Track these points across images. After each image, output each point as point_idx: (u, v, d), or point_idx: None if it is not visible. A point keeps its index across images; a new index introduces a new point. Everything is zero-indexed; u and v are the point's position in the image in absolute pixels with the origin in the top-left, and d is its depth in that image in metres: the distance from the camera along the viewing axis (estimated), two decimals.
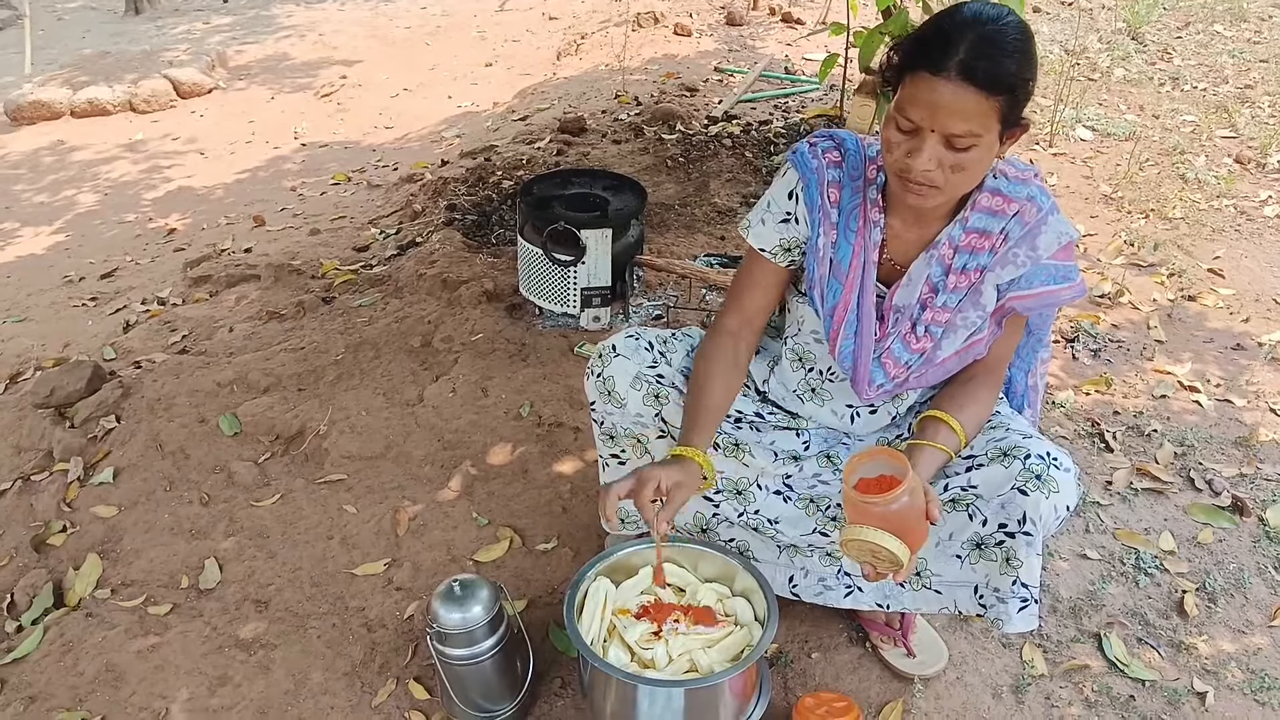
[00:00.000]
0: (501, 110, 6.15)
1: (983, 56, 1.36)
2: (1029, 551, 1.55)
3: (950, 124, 1.40)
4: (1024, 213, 1.55)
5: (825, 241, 1.64)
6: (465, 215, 3.97)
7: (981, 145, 1.42)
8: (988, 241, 1.57)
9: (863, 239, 1.62)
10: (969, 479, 1.58)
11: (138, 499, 2.43)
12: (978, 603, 1.64)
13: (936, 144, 1.42)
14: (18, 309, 4.11)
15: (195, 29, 9.20)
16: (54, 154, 6.59)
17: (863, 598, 1.75)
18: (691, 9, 7.02)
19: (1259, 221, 3.85)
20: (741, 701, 1.58)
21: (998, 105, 1.39)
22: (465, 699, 1.74)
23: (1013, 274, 1.56)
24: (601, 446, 1.88)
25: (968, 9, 1.42)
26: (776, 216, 1.69)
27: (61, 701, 1.90)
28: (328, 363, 2.87)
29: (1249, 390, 2.77)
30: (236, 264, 3.92)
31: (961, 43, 1.37)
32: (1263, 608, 2.05)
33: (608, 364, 1.76)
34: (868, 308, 1.64)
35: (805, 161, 1.65)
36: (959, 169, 1.44)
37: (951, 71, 1.36)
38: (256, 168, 6.05)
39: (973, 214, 1.57)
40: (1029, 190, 1.55)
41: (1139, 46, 6.01)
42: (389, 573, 2.16)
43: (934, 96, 1.38)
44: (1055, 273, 1.57)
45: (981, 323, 1.61)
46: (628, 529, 1.95)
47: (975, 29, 1.38)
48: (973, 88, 1.36)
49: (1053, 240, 1.55)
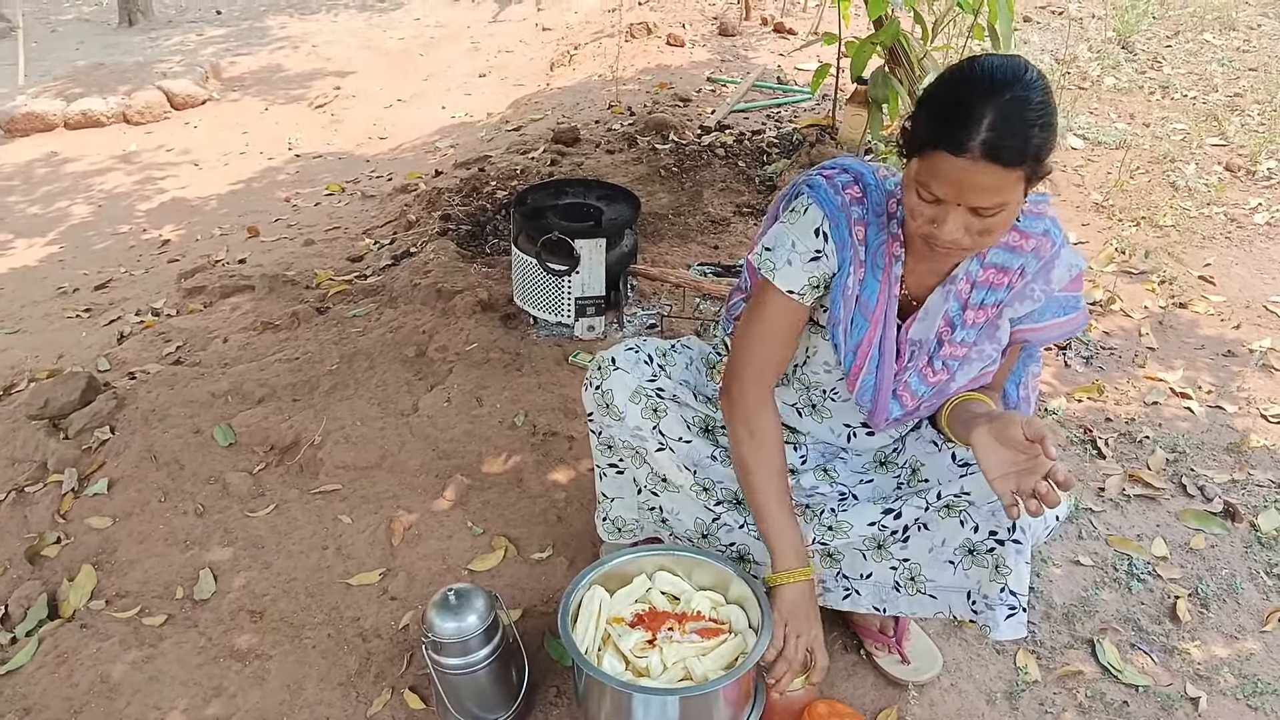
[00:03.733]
0: (495, 121, 6.16)
1: (1007, 134, 1.31)
2: (1018, 559, 1.56)
3: (978, 200, 1.36)
4: (1040, 248, 1.54)
5: (854, 280, 1.59)
6: (459, 225, 3.98)
7: (1009, 209, 1.39)
8: (1006, 277, 1.55)
9: (888, 275, 1.58)
10: (962, 485, 1.59)
11: (132, 510, 2.43)
12: (971, 608, 1.66)
13: (962, 214, 1.38)
14: (11, 320, 4.10)
15: (189, 40, 9.21)
16: (47, 165, 6.58)
17: (860, 600, 1.76)
18: (684, 20, 7.05)
19: (1249, 229, 3.88)
20: (736, 709, 1.58)
21: (1022, 174, 1.35)
22: (460, 708, 1.74)
23: (1029, 308, 1.57)
24: (599, 456, 1.88)
25: (985, 71, 1.35)
26: (805, 255, 1.58)
27: (56, 713, 1.89)
28: (322, 373, 2.87)
29: (1240, 396, 2.78)
30: (231, 275, 3.91)
31: (984, 119, 1.31)
32: (1255, 613, 2.06)
33: (606, 377, 1.76)
34: (889, 343, 1.61)
35: (829, 199, 1.58)
36: (987, 233, 1.41)
37: (975, 153, 1.31)
38: (250, 178, 6.05)
39: (992, 250, 1.54)
40: (1044, 225, 1.55)
41: (1129, 55, 6.05)
42: (384, 582, 2.16)
43: (958, 176, 1.34)
44: (1064, 304, 1.58)
45: (996, 355, 1.61)
46: (624, 538, 1.96)
47: (996, 101, 1.31)
48: (995, 166, 1.32)
49: (1065, 273, 1.55)
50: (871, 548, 1.72)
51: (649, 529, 1.94)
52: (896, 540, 1.69)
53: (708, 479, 1.77)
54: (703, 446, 1.76)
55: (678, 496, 1.82)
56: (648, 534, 1.96)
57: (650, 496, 1.86)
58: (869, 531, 1.68)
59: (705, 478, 1.77)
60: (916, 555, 1.69)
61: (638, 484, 1.87)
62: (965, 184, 1.34)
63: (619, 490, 1.91)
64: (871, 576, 1.74)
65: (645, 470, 1.82)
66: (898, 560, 1.71)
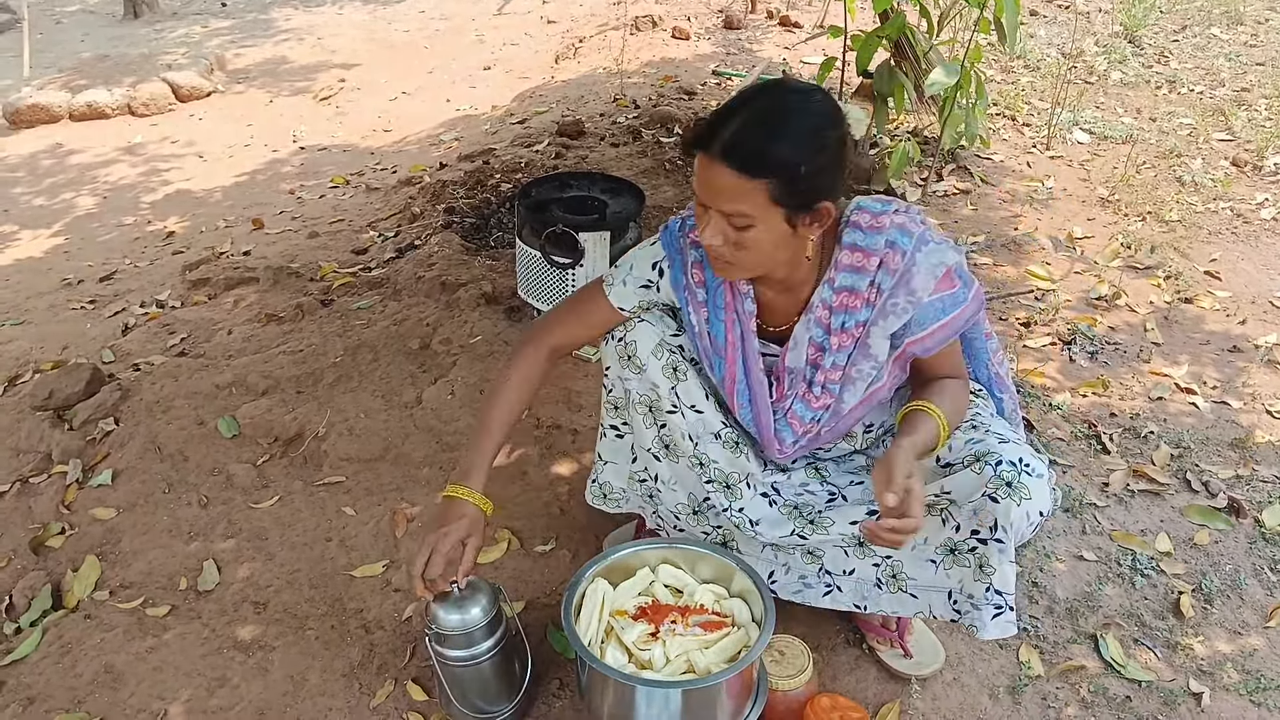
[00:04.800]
0: (500, 113, 6.15)
1: (745, 138, 1.37)
2: (1001, 559, 1.56)
3: (719, 202, 1.43)
4: (888, 261, 1.53)
5: (698, 319, 1.68)
6: (464, 218, 3.98)
7: (760, 227, 1.43)
8: (859, 298, 1.56)
9: (733, 312, 1.65)
10: (942, 485, 1.59)
11: (136, 501, 2.43)
12: (952, 608, 1.66)
13: (719, 220, 1.44)
14: (16, 312, 4.11)
15: (194, 32, 9.20)
16: (52, 157, 6.59)
17: (841, 597, 1.76)
18: (689, 12, 7.03)
19: (1255, 224, 3.86)
20: (738, 702, 1.58)
21: (764, 187, 1.38)
22: (464, 700, 1.74)
23: (899, 322, 1.55)
24: (605, 415, 1.87)
25: (761, 89, 1.45)
26: (638, 281, 1.73)
27: (60, 703, 1.90)
28: (326, 365, 2.87)
29: (1245, 392, 2.77)
30: (235, 267, 3.92)
31: (732, 122, 1.39)
32: (1259, 609, 2.06)
33: (630, 329, 1.74)
34: (757, 375, 1.67)
35: (672, 240, 1.69)
36: (741, 247, 1.46)
37: (714, 151, 1.39)
38: (255, 171, 6.05)
39: (837, 274, 1.57)
40: (886, 237, 1.53)
41: (1136, 49, 6.02)
42: (387, 574, 2.17)
43: (703, 174, 1.42)
44: (944, 305, 1.55)
45: (876, 373, 1.62)
46: (607, 505, 1.96)
47: (750, 109, 1.40)
48: (729, 169, 1.38)
49: (928, 278, 1.52)
50: (853, 545, 1.72)
51: (634, 502, 1.94)
52: None
53: (705, 454, 1.77)
54: (712, 420, 1.75)
55: (677, 467, 1.81)
56: (632, 507, 1.95)
57: (652, 462, 1.83)
58: (849, 530, 1.68)
59: (703, 452, 1.76)
60: (898, 553, 1.68)
61: (634, 452, 1.87)
62: (706, 183, 1.42)
63: (614, 454, 1.91)
64: (854, 573, 1.74)
65: (652, 433, 1.79)
66: (880, 558, 1.71)
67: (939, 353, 1.61)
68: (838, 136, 1.44)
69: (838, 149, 1.44)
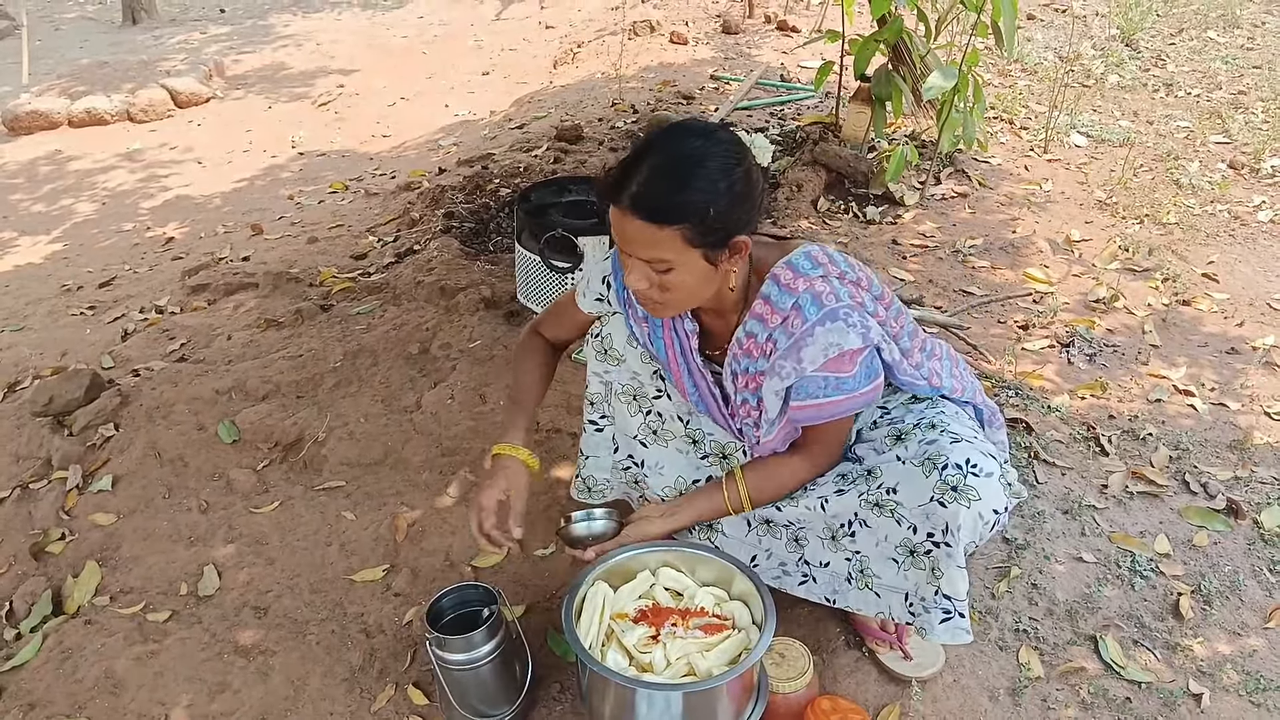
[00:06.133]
0: (499, 119, 6.16)
1: (654, 190, 1.41)
2: (949, 563, 1.57)
3: (638, 251, 1.47)
4: (789, 323, 1.55)
5: (641, 333, 1.75)
6: (463, 223, 3.98)
7: (680, 269, 1.47)
8: (758, 348, 1.60)
9: (670, 331, 1.71)
10: (896, 483, 1.60)
11: (136, 506, 2.43)
12: (908, 610, 1.67)
13: (641, 266, 1.49)
14: (16, 318, 4.11)
15: (193, 39, 9.22)
16: (51, 163, 6.60)
17: (815, 588, 1.79)
18: (687, 18, 7.05)
19: (1253, 226, 3.87)
20: (739, 705, 1.58)
21: (678, 233, 1.42)
22: (465, 704, 1.75)
23: (781, 384, 1.58)
24: (585, 412, 1.95)
25: (663, 136, 1.47)
26: (594, 294, 1.82)
27: (61, 709, 1.90)
28: (326, 370, 2.87)
29: (1243, 394, 2.78)
30: (234, 272, 3.92)
31: (638, 173, 1.42)
32: (1258, 610, 2.06)
33: (605, 324, 1.82)
34: (705, 389, 1.74)
35: (616, 260, 1.74)
36: (665, 289, 1.51)
37: (624, 203, 1.43)
38: (254, 176, 6.06)
39: (748, 320, 1.61)
40: (796, 300, 1.54)
41: (1133, 53, 6.04)
42: (387, 579, 2.17)
43: (617, 225, 1.47)
44: (827, 385, 1.55)
45: (768, 426, 1.65)
46: (593, 497, 1.99)
47: (654, 160, 1.43)
48: (640, 220, 1.42)
49: (818, 353, 1.52)
50: (828, 537, 1.74)
51: (619, 490, 2.00)
52: (846, 533, 1.71)
53: (699, 430, 1.83)
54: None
55: (666, 451, 1.86)
56: (617, 495, 2.01)
57: (637, 449, 1.88)
58: (815, 504, 1.70)
59: (696, 428, 1.83)
60: (865, 548, 1.70)
61: (616, 442, 1.92)
62: (622, 233, 1.47)
63: (595, 449, 1.96)
64: (829, 566, 1.76)
65: (637, 420, 1.85)
66: (850, 552, 1.72)
67: (810, 427, 1.64)
68: (744, 172, 1.47)
69: (745, 185, 1.48)
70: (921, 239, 3.62)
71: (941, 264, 3.45)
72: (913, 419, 1.69)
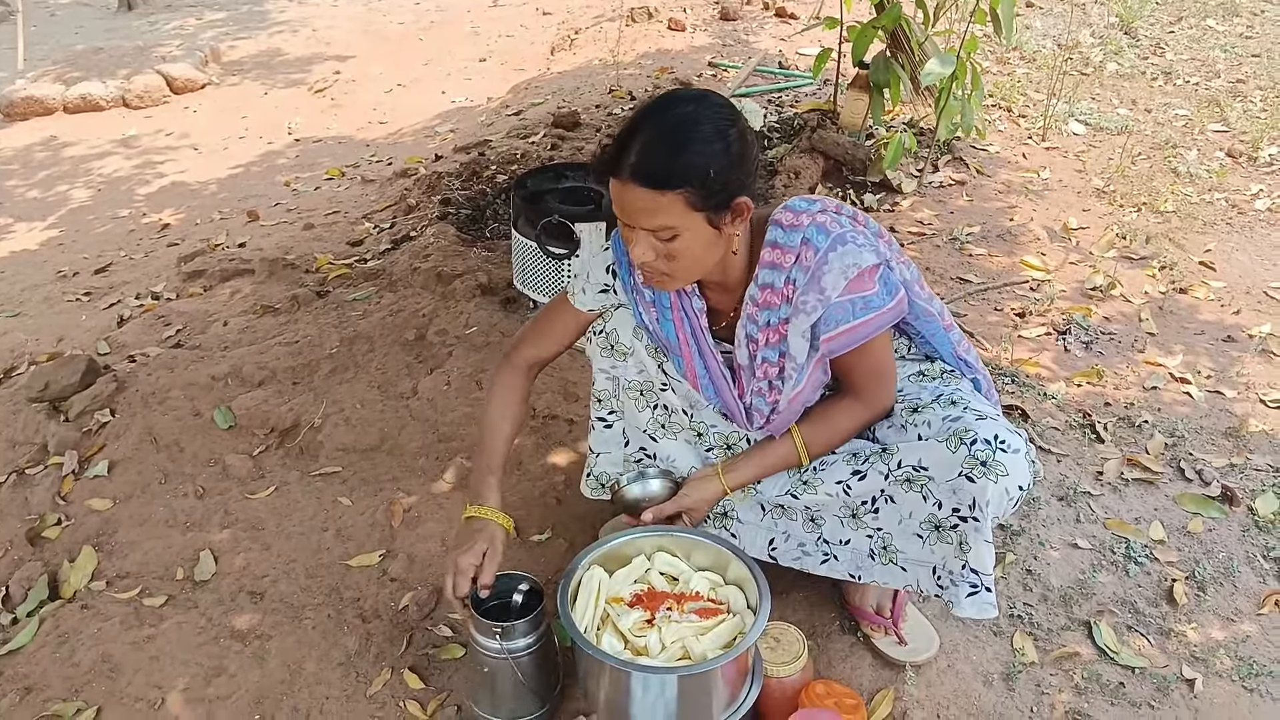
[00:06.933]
0: (495, 105, 6.14)
1: (652, 156, 1.42)
2: (977, 538, 1.58)
3: (641, 221, 1.47)
4: (802, 258, 1.56)
5: (649, 318, 1.74)
6: (459, 209, 3.98)
7: (685, 235, 1.48)
8: (778, 295, 1.60)
9: (680, 311, 1.71)
10: (919, 459, 1.61)
11: (132, 492, 2.43)
12: (936, 583, 1.69)
13: (646, 238, 1.49)
14: (11, 304, 4.10)
15: (188, 25, 9.18)
16: (47, 149, 6.57)
17: (838, 565, 1.79)
18: (685, 4, 7.02)
19: (1250, 215, 3.87)
20: (734, 688, 1.59)
21: (680, 197, 1.43)
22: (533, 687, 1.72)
23: (812, 319, 1.58)
24: (592, 410, 1.94)
25: (655, 105, 1.49)
26: (596, 286, 1.80)
27: (58, 692, 1.91)
28: (322, 356, 2.87)
29: (1239, 382, 2.78)
30: (230, 258, 3.91)
31: (635, 144, 1.43)
32: (1251, 596, 2.07)
33: (609, 319, 1.81)
34: (716, 370, 1.74)
35: (619, 244, 1.74)
36: (673, 257, 1.51)
37: (624, 174, 1.44)
38: (250, 163, 6.04)
39: (760, 271, 1.61)
40: (803, 234, 1.57)
41: (1132, 41, 6.03)
42: (384, 564, 2.17)
43: (619, 198, 1.48)
44: (854, 307, 1.57)
45: (798, 373, 1.64)
46: (605, 494, 1.99)
47: (649, 129, 1.45)
48: (643, 188, 1.43)
49: (838, 277, 1.54)
50: (847, 515, 1.75)
51: None
52: (868, 510, 1.72)
53: (702, 423, 1.85)
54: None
55: (675, 443, 1.88)
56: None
57: (648, 442, 1.90)
58: (836, 489, 1.71)
59: (700, 421, 1.85)
60: (888, 525, 1.71)
61: (625, 436, 1.93)
62: (625, 205, 1.47)
63: (606, 445, 1.96)
64: (850, 543, 1.77)
65: (646, 415, 1.86)
66: (872, 529, 1.73)
67: (850, 358, 1.63)
68: (738, 133, 1.49)
69: (742, 145, 1.49)
70: (919, 226, 3.62)
71: (939, 251, 3.45)
72: (928, 395, 1.71)
